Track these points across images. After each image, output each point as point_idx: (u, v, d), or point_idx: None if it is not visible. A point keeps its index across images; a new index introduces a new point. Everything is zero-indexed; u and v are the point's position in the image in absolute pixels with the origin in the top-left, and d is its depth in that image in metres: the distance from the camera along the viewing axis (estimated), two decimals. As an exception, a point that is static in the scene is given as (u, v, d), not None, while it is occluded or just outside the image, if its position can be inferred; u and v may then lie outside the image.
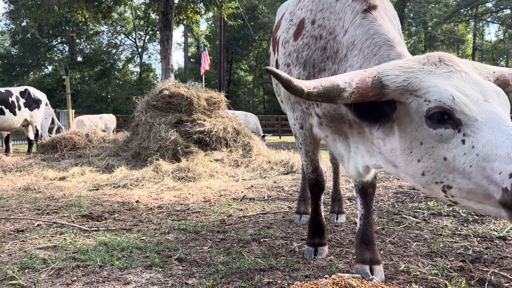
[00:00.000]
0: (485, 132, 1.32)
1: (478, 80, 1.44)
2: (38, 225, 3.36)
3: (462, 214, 3.47)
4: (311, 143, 2.43)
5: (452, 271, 2.23)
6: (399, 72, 1.47)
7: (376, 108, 1.55)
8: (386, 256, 2.49)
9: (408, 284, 2.05)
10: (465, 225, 3.18)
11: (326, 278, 2.02)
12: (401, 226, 3.19)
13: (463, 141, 1.36)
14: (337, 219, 3.41)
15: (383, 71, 1.47)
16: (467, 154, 1.35)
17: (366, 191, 2.21)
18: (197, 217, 3.68)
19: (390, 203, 4.07)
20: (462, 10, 38.34)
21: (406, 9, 40.19)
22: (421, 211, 3.66)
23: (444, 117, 1.39)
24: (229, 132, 7.84)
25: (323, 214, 2.66)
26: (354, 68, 1.84)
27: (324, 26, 2.05)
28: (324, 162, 2.66)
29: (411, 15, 41.12)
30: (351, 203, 4.15)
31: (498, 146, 1.29)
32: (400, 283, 2.07)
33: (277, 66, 2.62)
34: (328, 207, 3.66)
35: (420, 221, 3.32)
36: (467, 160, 1.34)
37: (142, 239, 2.92)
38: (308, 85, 1.43)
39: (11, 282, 2.12)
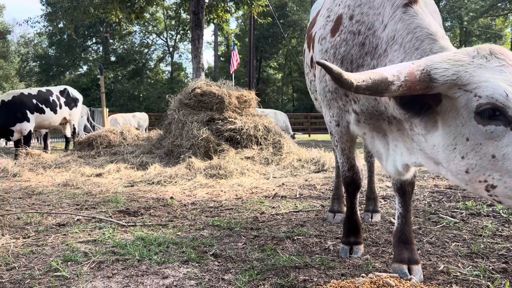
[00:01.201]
0: None
1: None
2: (78, 219, 3.48)
3: (502, 214, 3.36)
4: (348, 141, 2.41)
5: (494, 272, 2.16)
6: (448, 65, 1.42)
7: (421, 101, 1.51)
8: (424, 256, 2.44)
9: (448, 285, 2.01)
10: (506, 226, 3.07)
11: (363, 277, 2.01)
12: (438, 226, 3.12)
13: None
14: (371, 218, 3.37)
15: (431, 64, 1.43)
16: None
17: (404, 189, 2.18)
18: (230, 214, 3.72)
19: (426, 202, 3.98)
20: (500, 4, 36.91)
21: (441, 4, 39.07)
22: (459, 211, 3.56)
23: (496, 114, 1.34)
24: (259, 130, 7.86)
25: (358, 212, 2.63)
26: (394, 63, 1.81)
27: (362, 21, 2.02)
28: (360, 160, 2.63)
29: (446, 9, 39.92)
30: (386, 202, 4.08)
31: None
32: (439, 283, 2.03)
33: (312, 63, 2.61)
34: (363, 206, 3.61)
35: (458, 221, 3.23)
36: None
37: (178, 235, 2.97)
38: (357, 78, 1.40)
39: (55, 273, 2.21)
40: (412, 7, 1.80)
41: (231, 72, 22.84)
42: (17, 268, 2.31)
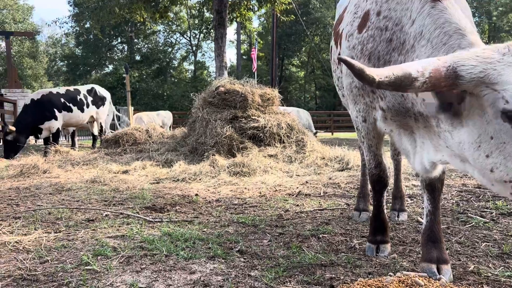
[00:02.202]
0: None
1: None
2: (106, 215, 3.56)
3: (535, 215, 3.26)
4: (374, 137, 2.38)
5: (527, 274, 2.10)
6: (476, 62, 1.38)
7: (446, 96, 1.47)
8: (453, 256, 2.40)
9: (479, 286, 1.97)
10: (539, 226, 2.98)
11: (391, 275, 1.99)
12: (467, 226, 3.05)
13: None
14: (398, 217, 3.32)
15: (458, 61, 1.39)
16: None
17: (434, 186, 2.14)
18: (254, 211, 3.73)
19: (454, 201, 3.90)
20: (531, -2, 35.75)
21: (468, -1, 38.08)
22: (488, 210, 3.48)
23: None
24: (282, 128, 7.86)
25: (385, 211, 2.60)
26: (422, 59, 1.78)
27: (390, 17, 2.00)
28: (387, 158, 2.60)
29: (474, 5, 38.90)
30: (413, 201, 4.02)
31: None
32: (470, 284, 1.99)
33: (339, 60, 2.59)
34: (389, 204, 3.57)
35: (488, 220, 3.16)
36: None
37: (204, 231, 3.01)
38: (380, 74, 1.38)
39: (86, 267, 2.27)
40: (442, 1, 1.77)
41: (253, 70, 22.86)
42: (49, 261, 2.38)
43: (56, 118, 9.79)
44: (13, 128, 8.82)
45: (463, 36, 1.66)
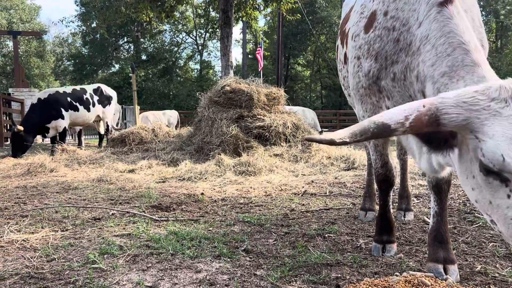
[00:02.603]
0: None
1: None
2: (112, 214, 3.57)
3: (543, 215, 3.23)
4: (381, 137, 2.37)
5: (535, 274, 2.09)
6: (461, 110, 1.32)
7: (437, 136, 1.45)
8: (460, 256, 2.38)
9: (486, 286, 1.95)
10: (548, 227, 2.95)
11: (397, 275, 1.98)
12: (474, 226, 3.04)
13: (508, 196, 1.30)
14: (404, 217, 3.31)
15: (443, 108, 1.33)
16: (509, 208, 1.29)
17: (440, 187, 2.13)
18: (260, 210, 3.73)
19: (460, 201, 3.88)
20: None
21: (475, -3, 37.75)
22: (496, 210, 3.45)
23: (494, 170, 1.31)
24: (288, 127, 7.85)
25: (391, 210, 2.59)
26: (426, 65, 1.78)
27: (397, 17, 1.99)
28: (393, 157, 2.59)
29: (482, 3, 38.61)
30: (419, 201, 4.01)
31: None
32: (477, 284, 1.98)
33: (345, 59, 2.59)
34: (395, 204, 3.55)
35: (495, 221, 3.13)
36: (509, 213, 1.30)
37: (210, 230, 3.01)
38: (352, 135, 1.36)
39: (93, 266, 2.28)
40: (448, 7, 1.75)
41: (259, 70, 22.85)
42: (56, 259, 2.40)
43: (63, 117, 9.85)
44: (21, 128, 8.88)
45: (466, 52, 1.64)
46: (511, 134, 1.26)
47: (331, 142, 1.38)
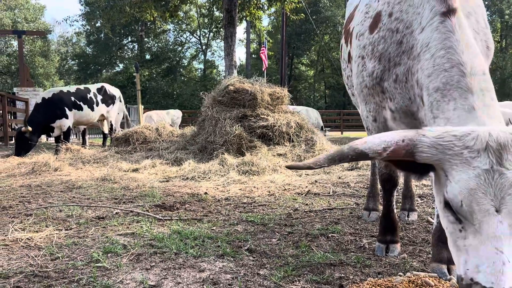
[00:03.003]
0: (476, 240, 1.33)
1: (510, 184, 1.31)
2: (116, 213, 3.58)
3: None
4: (385, 137, 2.37)
5: (539, 275, 2.07)
6: (436, 151, 1.39)
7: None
8: (464, 257, 2.37)
9: (491, 287, 1.94)
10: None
11: (400, 275, 1.98)
12: (478, 226, 3.02)
13: (460, 231, 1.39)
14: (408, 217, 3.30)
15: (420, 146, 1.40)
16: (458, 239, 1.39)
17: (444, 188, 2.12)
18: (263, 210, 3.73)
19: (465, 202, 3.86)
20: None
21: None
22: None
23: (452, 209, 1.41)
24: (292, 127, 7.85)
25: (395, 210, 2.59)
26: (424, 74, 1.78)
27: (401, 19, 1.99)
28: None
29: (486, 3, 38.42)
30: (423, 201, 3.99)
31: (478, 257, 1.31)
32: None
33: (349, 58, 2.58)
34: (399, 204, 3.54)
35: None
36: (457, 242, 1.40)
37: (213, 229, 3.02)
38: (330, 160, 1.49)
39: (97, 264, 2.29)
40: (450, 19, 1.73)
41: (263, 69, 22.84)
42: (60, 258, 2.41)
43: (67, 117, 9.88)
44: (30, 128, 8.93)
45: (462, 74, 1.63)
46: (472, 185, 1.33)
47: (309, 167, 1.53)
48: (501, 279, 1.23)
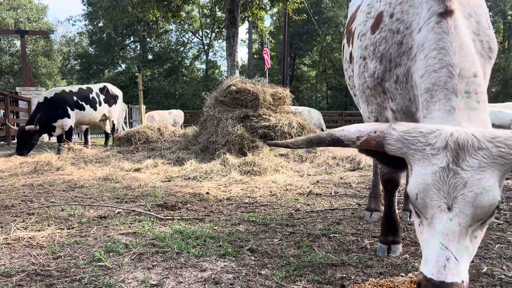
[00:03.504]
0: (428, 234, 1.41)
1: (463, 184, 1.35)
2: (118, 212, 3.59)
3: (550, 217, 3.20)
4: (387, 137, 2.37)
5: (542, 276, 2.07)
6: (402, 145, 1.48)
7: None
8: (466, 258, 2.37)
9: (493, 288, 1.94)
10: (555, 229, 2.93)
11: (402, 276, 1.98)
12: (480, 227, 3.01)
13: (419, 225, 1.48)
14: (410, 218, 3.29)
15: (388, 139, 1.50)
16: (419, 233, 1.48)
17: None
18: (265, 210, 3.73)
19: (467, 202, 3.85)
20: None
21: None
22: (502, 212, 3.43)
23: (411, 200, 1.49)
24: (294, 127, 7.85)
25: (397, 211, 2.58)
26: (418, 74, 1.80)
27: (402, 20, 1.99)
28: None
29: (489, 3, 38.33)
30: (424, 202, 3.98)
31: (428, 250, 1.39)
32: (483, 286, 1.96)
33: (351, 59, 2.58)
34: (400, 205, 3.54)
35: (502, 222, 3.11)
36: (420, 238, 1.47)
37: (215, 229, 3.02)
38: (307, 143, 1.63)
39: (98, 263, 2.29)
40: (447, 20, 1.74)
41: (265, 70, 22.84)
42: (62, 257, 2.41)
43: (69, 116, 9.90)
44: (37, 127, 8.96)
45: (450, 76, 1.65)
46: (428, 180, 1.40)
47: (287, 146, 1.68)
48: (441, 272, 1.29)
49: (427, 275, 1.32)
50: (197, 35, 47.14)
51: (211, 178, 5.56)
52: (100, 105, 10.88)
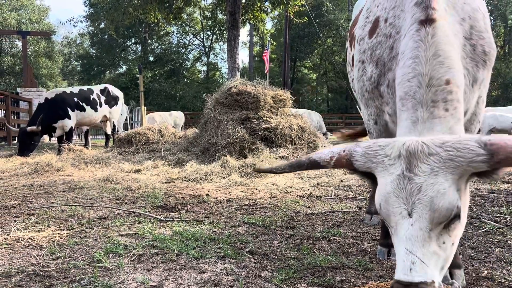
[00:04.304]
0: (396, 241, 1.45)
1: (418, 189, 1.40)
2: (118, 213, 3.59)
3: (551, 221, 3.20)
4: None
5: (542, 281, 2.07)
6: (366, 160, 1.55)
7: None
8: (466, 261, 2.36)
9: (493, 292, 1.94)
10: (555, 233, 2.93)
11: (402, 279, 1.97)
12: (480, 231, 3.01)
13: (391, 233, 1.50)
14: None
15: (354, 155, 1.57)
16: (393, 241, 1.50)
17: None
18: (265, 212, 3.73)
19: (467, 206, 3.85)
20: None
21: (484, 1, 37.54)
22: (502, 215, 3.42)
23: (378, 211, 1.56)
24: (294, 129, 7.85)
25: (397, 214, 2.58)
26: (396, 81, 1.80)
27: (394, 24, 2.00)
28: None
29: (489, 8, 38.38)
30: (424, 205, 3.98)
31: (397, 256, 1.42)
32: (483, 289, 1.96)
33: (352, 62, 2.59)
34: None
35: (502, 226, 3.11)
36: (394, 246, 1.50)
37: (215, 231, 3.02)
38: (289, 168, 1.73)
39: (98, 264, 2.29)
40: (425, 28, 1.72)
41: (265, 72, 22.87)
42: (62, 258, 2.41)
43: (69, 117, 9.92)
44: (39, 128, 8.97)
45: (420, 85, 1.66)
46: (388, 189, 1.46)
47: (271, 171, 1.80)
48: (408, 274, 1.33)
49: (396, 278, 1.36)
50: (198, 37, 47.24)
51: (211, 180, 5.56)
52: (100, 106, 10.89)
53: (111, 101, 11.30)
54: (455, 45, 1.77)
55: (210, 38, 46.43)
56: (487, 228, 3.06)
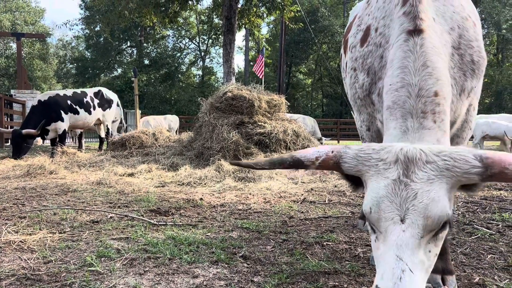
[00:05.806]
0: (383, 247, 1.40)
1: (413, 195, 1.38)
2: (111, 217, 3.57)
3: (542, 228, 3.22)
4: (378, 146, 2.39)
5: (533, 287, 2.08)
6: (357, 162, 1.52)
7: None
8: (459, 267, 2.37)
9: (484, 298, 1.95)
10: (547, 240, 2.95)
11: (394, 285, 1.97)
12: (473, 237, 3.03)
13: (375, 240, 1.46)
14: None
15: (344, 157, 1.53)
16: (375, 249, 1.46)
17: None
18: (258, 217, 3.72)
19: (460, 212, 3.87)
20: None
21: (477, 9, 37.92)
22: (494, 222, 3.44)
23: (366, 216, 1.50)
24: (289, 134, 7.86)
25: (390, 220, 2.58)
26: (384, 90, 1.82)
27: (383, 34, 2.02)
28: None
29: (483, 16, 38.79)
30: (418, 211, 3.99)
31: (383, 264, 1.36)
32: (475, 296, 1.97)
33: (347, 68, 2.61)
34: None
35: (494, 232, 3.13)
36: (376, 255, 1.44)
37: (208, 235, 3.01)
38: (270, 164, 1.63)
39: (90, 268, 2.27)
40: (414, 38, 1.75)
41: (260, 77, 22.93)
42: (53, 261, 2.39)
43: (62, 120, 9.86)
44: (38, 132, 8.94)
45: (409, 96, 1.68)
46: (381, 193, 1.42)
47: (250, 167, 1.68)
48: (398, 284, 1.28)
49: (382, 286, 1.30)
50: (194, 41, 47.29)
51: (205, 184, 5.55)
52: (94, 109, 10.85)
53: (105, 104, 11.26)
54: (443, 55, 1.79)
55: (206, 42, 46.50)
56: (479, 235, 3.07)
